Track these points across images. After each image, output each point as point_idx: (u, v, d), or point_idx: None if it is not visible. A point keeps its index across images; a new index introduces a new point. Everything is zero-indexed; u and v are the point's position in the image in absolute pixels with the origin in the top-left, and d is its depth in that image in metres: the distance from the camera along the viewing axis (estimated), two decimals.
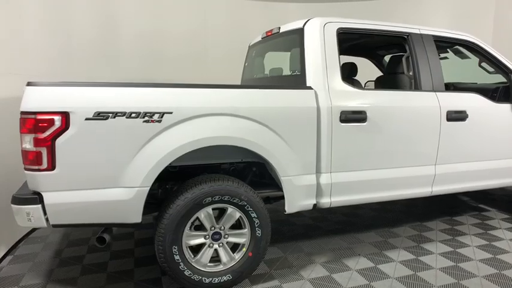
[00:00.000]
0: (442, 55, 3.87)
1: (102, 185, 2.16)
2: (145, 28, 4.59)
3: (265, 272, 2.73)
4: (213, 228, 2.43)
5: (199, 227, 2.43)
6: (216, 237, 2.45)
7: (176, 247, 2.31)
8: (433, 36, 3.10)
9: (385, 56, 4.42)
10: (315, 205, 2.68)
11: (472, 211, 4.02)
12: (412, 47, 2.98)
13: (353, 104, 2.67)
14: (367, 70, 4.43)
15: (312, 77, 2.63)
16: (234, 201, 2.40)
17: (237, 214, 2.45)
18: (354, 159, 2.72)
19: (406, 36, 3.00)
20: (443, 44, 3.34)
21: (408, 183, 2.94)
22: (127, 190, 2.18)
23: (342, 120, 2.61)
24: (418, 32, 3.04)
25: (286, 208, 2.59)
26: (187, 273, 2.35)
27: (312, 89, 2.59)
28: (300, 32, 2.78)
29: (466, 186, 3.20)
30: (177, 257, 2.32)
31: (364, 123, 2.69)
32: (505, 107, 3.23)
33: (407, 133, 2.85)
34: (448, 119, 2.96)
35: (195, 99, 2.29)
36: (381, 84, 3.45)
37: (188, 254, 2.39)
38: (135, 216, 2.23)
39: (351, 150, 2.69)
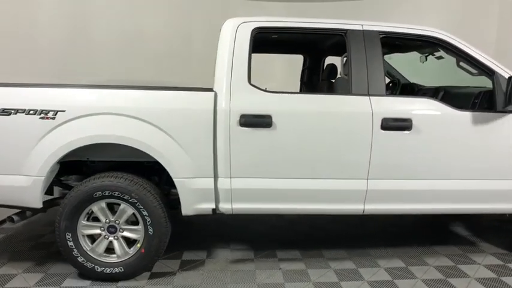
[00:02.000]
0: (437, 54, 3.36)
1: (8, 171, 2.48)
2: (124, 27, 4.82)
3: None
4: (107, 221, 2.58)
5: (98, 219, 2.60)
6: (112, 230, 2.59)
7: (70, 234, 2.52)
8: (381, 32, 2.72)
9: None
10: (214, 210, 2.62)
11: None
12: (349, 45, 2.68)
13: (256, 107, 2.53)
14: None
15: (217, 78, 2.59)
16: (125, 197, 2.51)
17: (130, 210, 2.56)
18: (258, 165, 2.57)
19: (343, 34, 2.70)
20: (401, 42, 2.90)
21: (330, 198, 2.65)
22: (26, 178, 2.47)
23: (242, 124, 2.50)
24: (360, 29, 2.71)
25: (182, 210, 2.60)
26: (80, 259, 2.54)
27: (212, 91, 2.55)
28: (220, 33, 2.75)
29: (412, 208, 2.73)
30: (70, 243, 2.53)
31: (269, 128, 2.52)
32: (472, 116, 2.65)
33: (325, 141, 2.57)
34: (384, 128, 2.57)
35: (86, 99, 2.48)
36: (314, 87, 3.16)
37: (84, 242, 2.58)
38: (35, 201, 2.50)
39: (255, 156, 2.56)
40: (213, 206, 2.61)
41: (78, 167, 2.83)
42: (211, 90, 2.56)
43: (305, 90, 4.12)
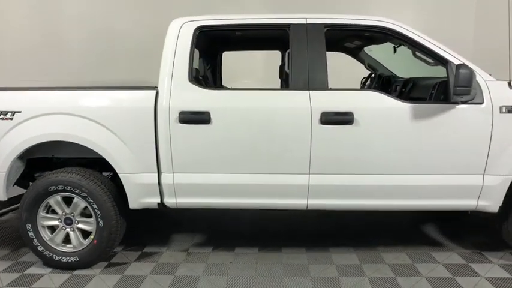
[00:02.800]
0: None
1: None
2: (95, 27, 4.87)
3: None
4: (64, 213, 2.76)
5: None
6: (68, 222, 2.78)
7: (30, 225, 2.73)
8: (326, 25, 2.67)
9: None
10: (159, 204, 2.72)
11: None
12: (291, 39, 2.66)
13: (195, 104, 2.59)
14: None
15: (160, 77, 2.67)
16: (76, 192, 2.68)
17: (83, 204, 2.72)
18: (199, 161, 2.64)
19: (286, 29, 2.69)
20: (350, 33, 2.82)
21: (272, 192, 2.66)
22: None
23: (181, 121, 2.57)
24: (303, 22, 2.68)
25: (129, 204, 2.72)
26: (40, 248, 2.75)
27: (154, 89, 2.64)
28: None
29: (358, 204, 2.66)
30: (30, 234, 2.74)
31: (208, 125, 2.57)
32: (419, 108, 2.53)
33: (264, 136, 2.58)
34: (323, 122, 2.53)
35: (39, 100, 2.67)
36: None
37: (44, 232, 2.79)
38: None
39: (195, 152, 2.62)
40: (158, 201, 2.71)
41: (49, 164, 3.04)
42: (152, 88, 2.65)
43: (284, 86, 4.10)
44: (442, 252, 2.95)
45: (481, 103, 2.52)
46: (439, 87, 2.68)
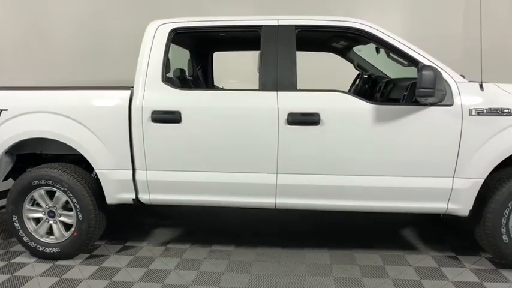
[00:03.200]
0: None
1: None
2: (85, 26, 4.89)
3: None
4: (47, 206, 2.92)
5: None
6: (51, 214, 2.94)
7: (16, 217, 2.91)
8: (297, 26, 2.70)
9: None
10: (134, 200, 2.83)
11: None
12: (262, 41, 2.70)
13: (167, 104, 2.68)
14: None
15: (136, 77, 2.78)
16: (57, 186, 2.83)
17: (64, 198, 2.87)
18: (171, 159, 2.73)
19: (258, 30, 2.73)
20: (322, 35, 2.83)
21: (241, 191, 2.71)
22: None
23: (154, 120, 2.67)
24: (275, 24, 2.71)
25: (106, 199, 2.85)
26: (25, 239, 2.92)
27: (129, 89, 2.75)
28: None
29: (325, 204, 2.67)
30: (17, 225, 2.91)
31: (179, 124, 2.66)
32: (386, 109, 2.53)
33: (233, 136, 2.64)
34: (290, 123, 2.57)
35: (24, 99, 2.83)
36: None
37: (30, 224, 2.95)
38: None
39: (167, 150, 2.71)
40: (133, 196, 2.83)
41: (38, 159, 3.21)
42: (127, 88, 2.76)
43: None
44: (417, 255, 2.93)
45: (451, 105, 2.49)
46: (410, 89, 2.66)
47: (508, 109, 2.46)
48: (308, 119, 2.55)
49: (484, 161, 2.49)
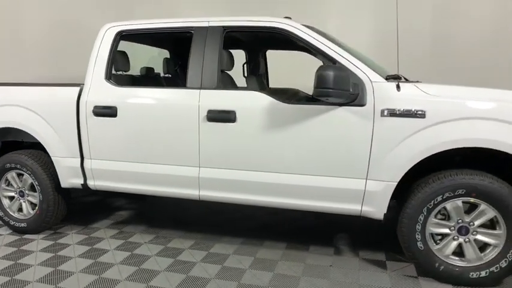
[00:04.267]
0: None
1: None
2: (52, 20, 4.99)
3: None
4: (18, 187, 3.37)
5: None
6: (21, 194, 3.37)
7: None
8: (226, 27, 2.81)
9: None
10: (83, 185, 3.16)
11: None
12: (193, 41, 2.86)
13: (106, 100, 2.95)
14: None
15: (86, 75, 3.09)
16: (23, 170, 3.26)
17: (30, 180, 3.29)
18: (110, 150, 3.00)
19: (192, 31, 2.89)
20: (249, 36, 2.90)
21: (169, 182, 2.90)
22: None
23: (95, 114, 2.96)
24: (206, 25, 2.85)
25: (60, 183, 3.20)
26: (0, 214, 3.40)
27: (79, 86, 3.07)
28: None
29: (244, 199, 2.76)
30: None
31: (115, 118, 2.92)
32: (297, 109, 2.55)
33: (160, 130, 2.84)
34: (209, 119, 2.70)
35: None
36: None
37: (6, 201, 3.42)
38: None
39: (106, 142, 2.99)
40: (82, 182, 3.15)
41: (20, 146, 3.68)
42: (77, 85, 3.08)
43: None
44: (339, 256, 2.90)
45: (363, 105, 2.45)
46: None
47: (421, 111, 2.36)
48: (225, 117, 2.67)
49: (397, 163, 2.42)
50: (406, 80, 3.11)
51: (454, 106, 2.34)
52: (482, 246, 2.43)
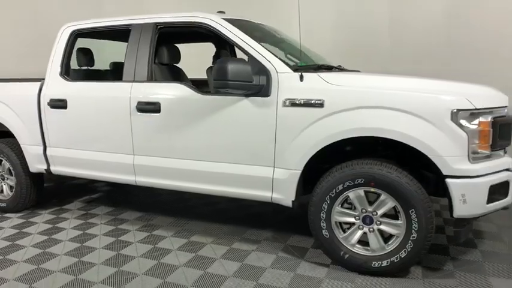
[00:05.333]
0: None
1: None
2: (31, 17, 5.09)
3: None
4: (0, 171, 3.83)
5: None
6: (2, 178, 3.83)
7: None
8: (158, 24, 3.00)
9: None
10: (46, 170, 3.52)
11: None
12: (130, 38, 3.08)
13: (59, 93, 3.27)
14: None
15: (46, 70, 3.43)
16: (1, 156, 3.69)
17: (7, 165, 3.73)
18: (62, 138, 3.33)
19: (130, 28, 3.11)
20: (180, 31, 3.05)
21: (112, 168, 3.16)
22: None
23: (51, 106, 3.30)
24: (141, 22, 3.06)
25: (29, 168, 3.60)
26: None
27: (40, 81, 3.42)
28: None
29: (175, 185, 2.93)
30: None
31: (66, 110, 3.23)
32: (212, 100, 2.68)
33: (101, 120, 3.10)
34: (139, 110, 2.91)
35: None
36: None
37: None
38: None
39: (59, 131, 3.32)
40: (45, 167, 3.51)
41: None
42: (39, 80, 3.43)
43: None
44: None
45: (268, 96, 2.52)
46: None
47: (320, 100, 2.39)
48: (151, 108, 2.86)
49: (299, 152, 2.48)
50: (342, 70, 3.13)
51: (350, 95, 2.35)
52: (389, 237, 2.42)
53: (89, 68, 3.68)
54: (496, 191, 2.28)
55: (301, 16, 5.30)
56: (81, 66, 3.60)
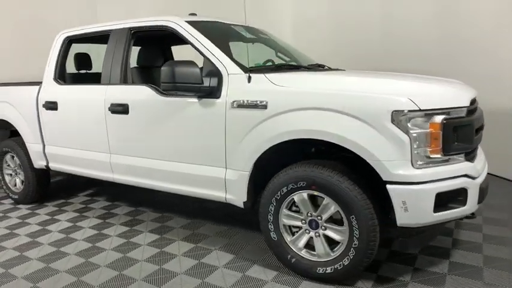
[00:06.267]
0: None
1: None
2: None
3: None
4: (13, 166, 4.24)
5: None
6: (15, 172, 4.24)
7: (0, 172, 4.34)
8: (132, 28, 3.14)
9: None
10: (46, 166, 3.83)
11: None
12: (108, 43, 3.25)
13: (51, 96, 3.55)
14: None
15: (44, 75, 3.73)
16: (13, 153, 4.09)
17: (18, 161, 4.12)
18: (55, 137, 3.61)
19: (110, 33, 3.29)
20: (154, 34, 3.14)
21: (94, 166, 3.36)
22: None
23: (46, 108, 3.58)
24: (118, 28, 3.21)
25: (33, 164, 3.94)
26: (4, 187, 4.33)
27: (39, 84, 3.73)
28: None
29: (145, 183, 3.05)
30: (0, 177, 4.35)
31: (57, 111, 3.50)
32: (172, 102, 2.74)
33: (82, 121, 3.31)
34: (112, 112, 3.07)
35: None
36: None
37: (7, 178, 4.34)
38: None
39: (53, 131, 3.61)
40: (45, 164, 3.83)
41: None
42: (37, 84, 3.74)
43: None
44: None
45: (218, 97, 2.54)
46: None
47: (264, 102, 2.36)
48: (121, 109, 3.01)
49: (247, 154, 2.47)
50: (329, 69, 3.11)
51: (290, 96, 2.29)
52: (336, 243, 2.33)
53: (88, 71, 3.93)
54: (448, 199, 2.10)
55: (294, 14, 5.22)
56: (78, 70, 3.86)
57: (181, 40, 2.85)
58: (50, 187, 4.30)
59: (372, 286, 2.33)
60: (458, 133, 2.11)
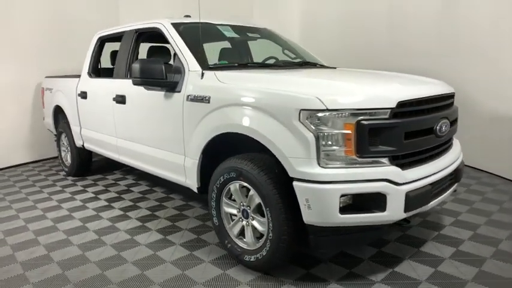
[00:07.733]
0: None
1: None
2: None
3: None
4: (66, 145, 5.14)
5: None
6: (67, 149, 5.14)
7: None
8: (136, 30, 3.61)
9: None
10: (82, 145, 4.58)
11: None
12: (121, 43, 3.78)
13: (83, 88, 4.25)
14: None
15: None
16: (64, 133, 4.98)
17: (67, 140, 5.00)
18: (87, 122, 4.29)
19: (123, 35, 3.82)
20: (150, 34, 3.54)
21: (108, 148, 3.95)
22: None
23: (80, 97, 4.30)
24: (129, 29, 3.72)
25: (75, 143, 4.74)
26: (62, 165, 5.27)
27: (79, 77, 4.47)
28: None
29: (140, 165, 3.47)
30: None
31: (86, 100, 4.18)
32: (152, 95, 3.09)
33: (101, 109, 3.91)
34: (116, 102, 3.58)
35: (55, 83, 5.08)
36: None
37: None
38: None
39: (85, 116, 4.30)
40: (82, 143, 4.58)
41: None
42: None
43: None
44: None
45: (180, 91, 2.83)
46: None
47: (208, 96, 2.57)
48: (121, 100, 3.50)
49: (196, 143, 2.71)
50: (322, 66, 3.26)
51: (227, 92, 2.46)
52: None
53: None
54: (361, 203, 2.07)
55: (302, 13, 5.13)
56: (113, 65, 4.51)
57: None
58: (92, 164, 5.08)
59: (382, 280, 2.33)
60: (381, 136, 2.06)
